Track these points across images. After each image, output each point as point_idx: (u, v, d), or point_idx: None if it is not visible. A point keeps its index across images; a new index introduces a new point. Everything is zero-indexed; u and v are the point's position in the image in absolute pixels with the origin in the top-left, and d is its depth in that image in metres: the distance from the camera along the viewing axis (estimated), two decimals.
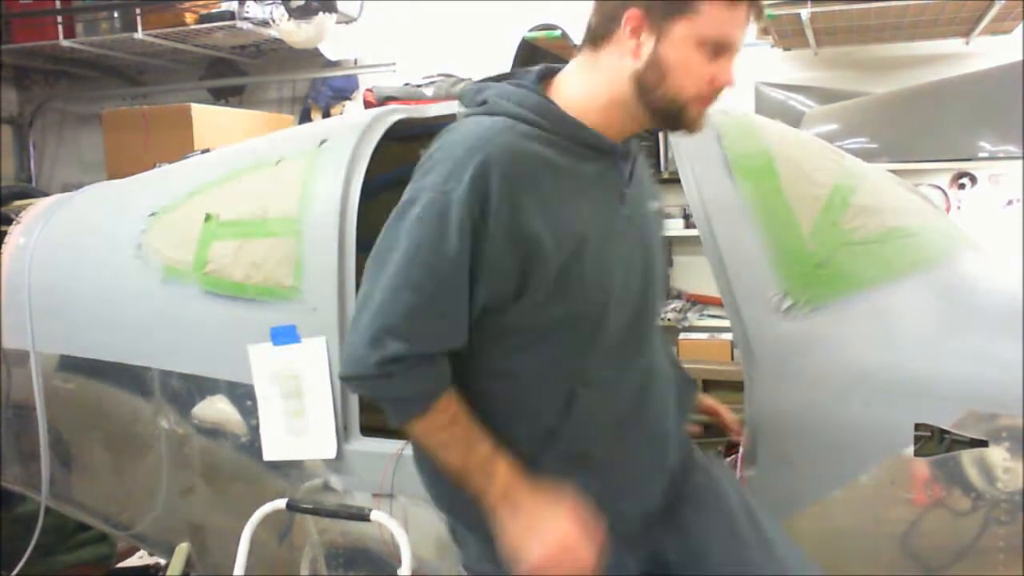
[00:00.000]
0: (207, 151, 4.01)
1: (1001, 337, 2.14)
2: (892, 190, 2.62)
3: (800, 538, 2.07)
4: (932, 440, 2.00)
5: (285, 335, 2.44)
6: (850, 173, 2.45)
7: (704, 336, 5.58)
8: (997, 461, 1.95)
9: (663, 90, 1.53)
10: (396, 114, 2.69)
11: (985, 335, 2.16)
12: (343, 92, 6.70)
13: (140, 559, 4.06)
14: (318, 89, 6.75)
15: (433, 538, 2.40)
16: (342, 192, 2.46)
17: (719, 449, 3.18)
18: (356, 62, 6.63)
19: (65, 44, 6.26)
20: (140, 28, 6.06)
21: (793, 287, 2.12)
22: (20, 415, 3.06)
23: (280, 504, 2.42)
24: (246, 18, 5.86)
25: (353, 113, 6.22)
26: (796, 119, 5.23)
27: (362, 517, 2.35)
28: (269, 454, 2.51)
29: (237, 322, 2.53)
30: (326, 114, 6.63)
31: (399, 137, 2.79)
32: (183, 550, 2.76)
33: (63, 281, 2.94)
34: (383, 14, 6.39)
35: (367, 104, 5.93)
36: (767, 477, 2.09)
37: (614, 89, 1.57)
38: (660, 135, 5.08)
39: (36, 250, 3.04)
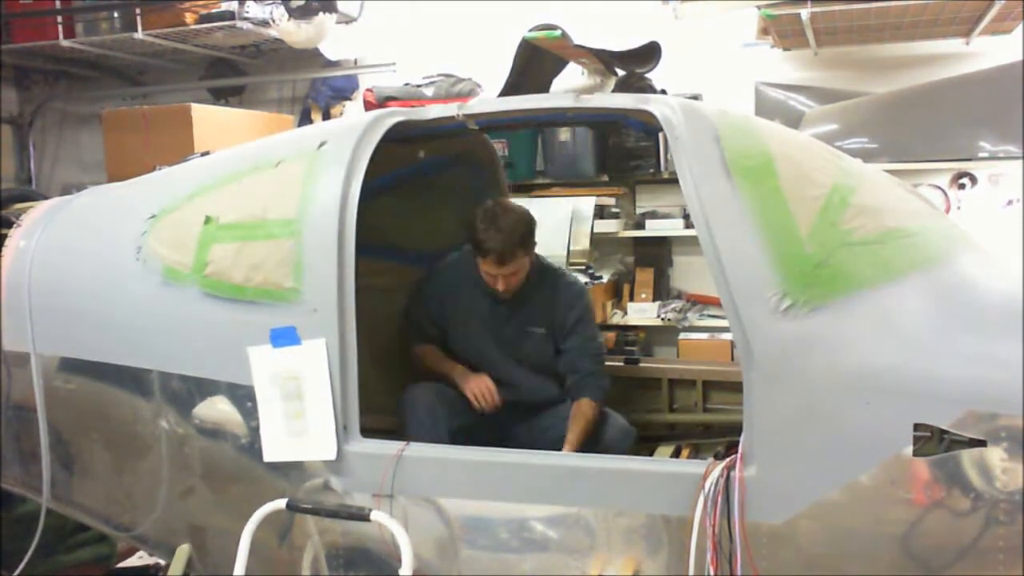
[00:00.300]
0: (207, 153, 4.02)
1: (1001, 337, 2.14)
2: (891, 190, 2.62)
3: (800, 538, 2.09)
4: (932, 440, 2.00)
5: (285, 337, 2.44)
6: (849, 173, 2.45)
7: (704, 336, 5.56)
8: (995, 461, 1.95)
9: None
10: (395, 116, 2.69)
11: (985, 335, 2.16)
12: (343, 92, 6.70)
13: (140, 559, 4.07)
14: (318, 89, 6.75)
15: (433, 538, 2.41)
16: (341, 194, 2.46)
17: (719, 449, 3.19)
18: (356, 62, 6.63)
19: (65, 44, 6.26)
20: (140, 28, 6.06)
21: (792, 287, 2.12)
22: (21, 417, 3.07)
23: (280, 504, 2.42)
24: (246, 18, 5.86)
25: (352, 115, 6.23)
26: (796, 119, 5.24)
27: (362, 517, 2.35)
28: (269, 455, 2.51)
29: (237, 324, 2.54)
30: (326, 114, 6.63)
31: (398, 139, 2.80)
32: (184, 551, 2.77)
33: (63, 283, 2.95)
34: (383, 14, 6.39)
35: (367, 104, 5.94)
36: (767, 477, 2.09)
37: None
38: (660, 136, 5.09)
39: (36, 253, 3.05)
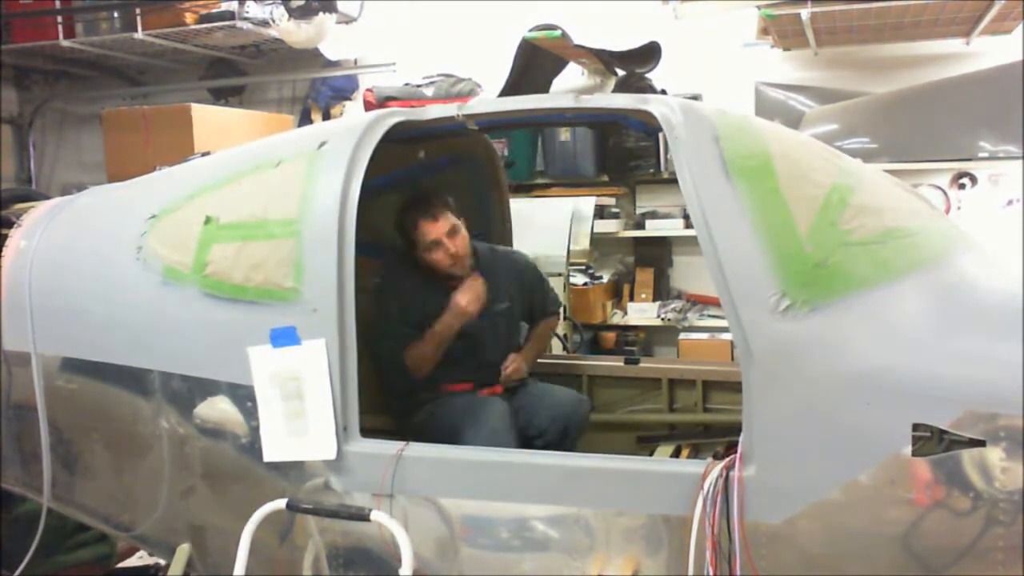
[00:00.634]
0: (207, 153, 4.02)
1: (1001, 337, 2.14)
2: (890, 190, 2.62)
3: (799, 538, 2.09)
4: (931, 440, 2.00)
5: (285, 337, 2.44)
6: (848, 173, 2.45)
7: (704, 336, 5.56)
8: (994, 461, 1.95)
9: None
10: (395, 116, 2.69)
11: (985, 335, 2.16)
12: (343, 92, 6.70)
13: (140, 559, 4.07)
14: (318, 89, 6.75)
15: (433, 538, 2.41)
16: (341, 194, 2.46)
17: (718, 449, 3.19)
18: (356, 62, 6.63)
19: (65, 44, 6.27)
20: (140, 28, 6.07)
21: (791, 287, 2.12)
22: (21, 417, 3.07)
23: (280, 504, 2.42)
24: (246, 18, 5.86)
25: (352, 115, 6.23)
26: (796, 119, 5.24)
27: (362, 517, 2.35)
28: (269, 455, 2.51)
29: (237, 324, 2.54)
30: (326, 114, 6.63)
31: (398, 139, 2.80)
32: (184, 551, 2.77)
33: (64, 283, 2.95)
34: (383, 14, 6.39)
35: (367, 104, 5.93)
36: (767, 477, 2.09)
37: None
38: (659, 136, 5.09)
39: (37, 253, 3.05)
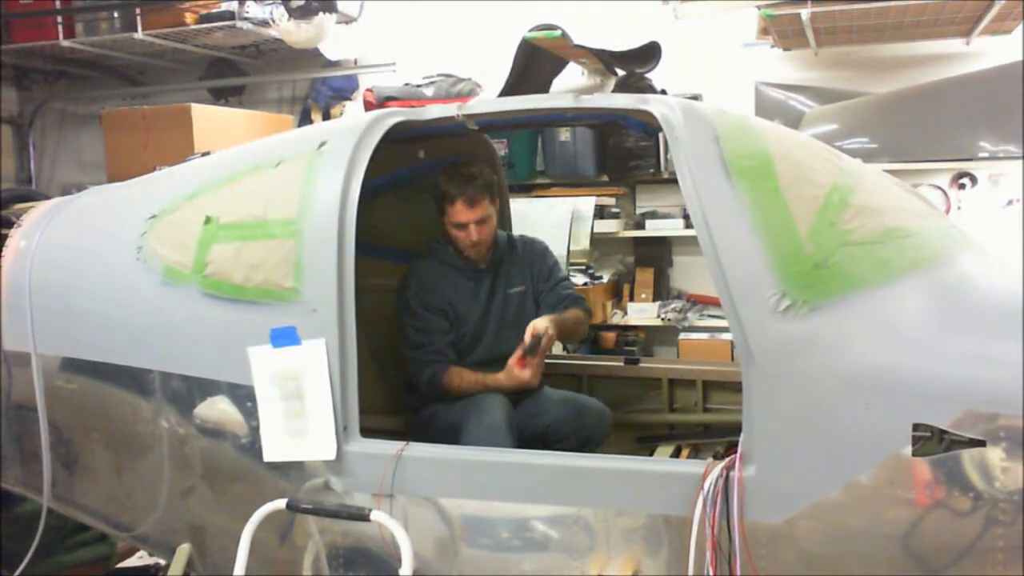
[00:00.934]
0: (207, 153, 4.02)
1: (1001, 337, 2.14)
2: (890, 190, 2.62)
3: (799, 538, 2.09)
4: (931, 440, 2.00)
5: (285, 337, 2.44)
6: (848, 173, 2.45)
7: (704, 336, 5.54)
8: (994, 461, 1.95)
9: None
10: (395, 116, 2.69)
11: (985, 335, 2.16)
12: (343, 92, 6.69)
13: (140, 559, 4.07)
14: (318, 89, 6.74)
15: (433, 538, 2.41)
16: (341, 194, 2.46)
17: (718, 449, 3.19)
18: (356, 62, 6.63)
19: (65, 44, 6.26)
20: (140, 28, 6.05)
21: (791, 287, 2.12)
22: (21, 417, 3.07)
23: (280, 504, 2.43)
24: (246, 18, 5.85)
25: (352, 115, 6.23)
26: (796, 119, 5.23)
27: (362, 517, 2.36)
28: (269, 455, 2.52)
29: (237, 324, 2.54)
30: (326, 114, 6.63)
31: (398, 139, 2.80)
32: (184, 551, 2.77)
33: (64, 283, 2.95)
34: (383, 14, 6.39)
35: (367, 104, 5.93)
36: (767, 477, 2.09)
37: None
38: (660, 136, 5.09)
39: (37, 253, 3.05)
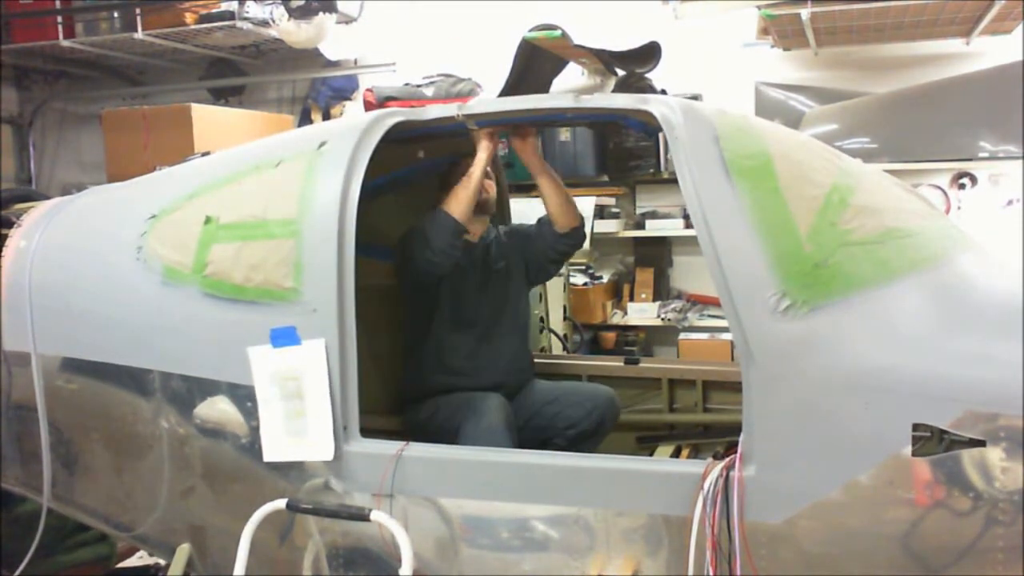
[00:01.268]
0: (207, 153, 4.02)
1: (1001, 337, 2.14)
2: (890, 190, 2.62)
3: (799, 538, 2.09)
4: (931, 440, 2.00)
5: (285, 337, 2.44)
6: (848, 173, 2.45)
7: (704, 336, 5.55)
8: (994, 461, 1.95)
9: None
10: (395, 116, 2.69)
11: (985, 335, 2.16)
12: (343, 92, 6.70)
13: (140, 559, 4.07)
14: (318, 89, 6.74)
15: (433, 538, 2.41)
16: (341, 194, 2.46)
17: (718, 449, 3.19)
18: (356, 62, 6.63)
19: (65, 44, 6.26)
20: (140, 28, 6.06)
21: (791, 287, 2.12)
22: (21, 417, 3.07)
23: (280, 504, 2.42)
24: (246, 18, 5.86)
25: (352, 115, 6.23)
26: (796, 119, 5.23)
27: (362, 517, 2.35)
28: (269, 455, 2.52)
29: (237, 324, 2.54)
30: (326, 114, 6.63)
31: (398, 139, 2.80)
32: (184, 551, 2.77)
33: (64, 283, 2.95)
34: (383, 14, 6.39)
35: (367, 104, 5.93)
36: (767, 477, 2.09)
37: None
38: (660, 136, 5.08)
39: (37, 253, 3.05)
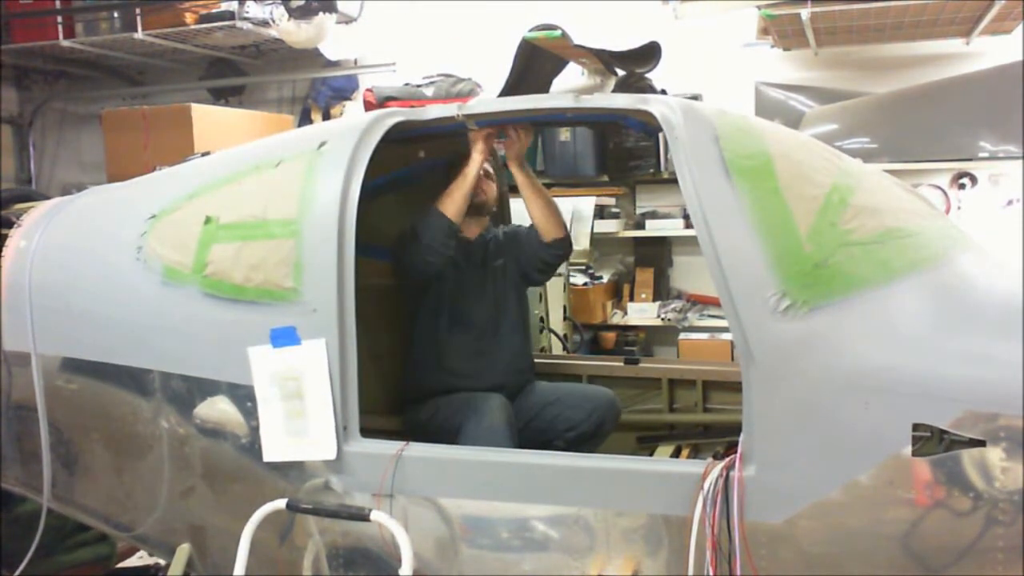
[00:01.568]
0: (207, 153, 4.02)
1: (1001, 337, 2.14)
2: (890, 190, 2.62)
3: (799, 538, 2.09)
4: (931, 440, 2.00)
5: (285, 337, 2.44)
6: (848, 173, 2.45)
7: (704, 336, 5.55)
8: (994, 461, 1.95)
9: None
10: (395, 116, 2.69)
11: (984, 335, 2.16)
12: (343, 92, 6.70)
13: (140, 559, 4.07)
14: (318, 89, 6.75)
15: (433, 538, 2.41)
16: (341, 194, 2.46)
17: (718, 449, 3.19)
18: (356, 62, 6.63)
19: (65, 44, 6.27)
20: (140, 28, 6.07)
21: (791, 287, 2.12)
22: (21, 417, 3.07)
23: (280, 504, 2.42)
24: (246, 18, 5.86)
25: (352, 115, 6.23)
26: (796, 119, 5.23)
27: (362, 517, 2.35)
28: (269, 455, 2.52)
29: (237, 324, 2.54)
30: (326, 114, 6.63)
31: (398, 139, 2.80)
32: (184, 551, 2.77)
33: (64, 283, 2.95)
34: (383, 14, 6.39)
35: (367, 104, 5.93)
36: (767, 477, 2.09)
37: None
38: (660, 136, 5.09)
39: (37, 253, 3.05)
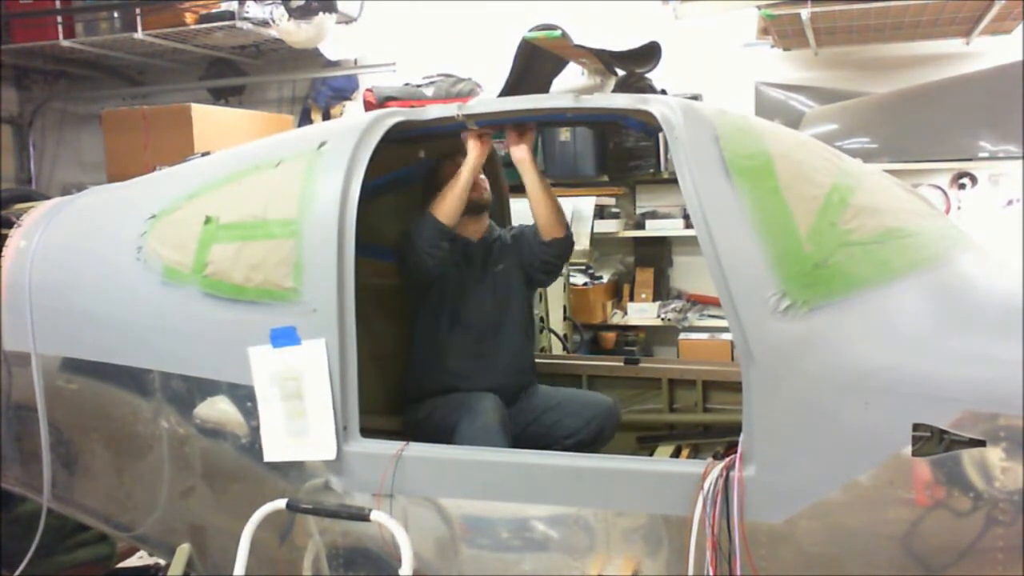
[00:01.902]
0: (207, 153, 4.02)
1: (1001, 337, 2.14)
2: (890, 190, 2.62)
3: (799, 538, 2.09)
4: (931, 440, 2.00)
5: (285, 337, 2.44)
6: (848, 173, 2.45)
7: (704, 336, 5.56)
8: (994, 461, 1.95)
9: None
10: (395, 116, 2.69)
11: (984, 335, 2.16)
12: (343, 92, 6.70)
13: (140, 559, 4.08)
14: (318, 89, 6.75)
15: (433, 538, 2.41)
16: (341, 194, 2.46)
17: (718, 449, 3.19)
18: (356, 62, 6.63)
19: (65, 44, 6.27)
20: (140, 28, 6.07)
21: (791, 287, 2.12)
22: (21, 417, 3.07)
23: (280, 504, 2.43)
24: (246, 18, 5.86)
25: (352, 115, 6.23)
26: (796, 119, 5.23)
27: (362, 517, 2.36)
28: (269, 455, 2.52)
29: (237, 324, 2.54)
30: (326, 114, 6.63)
31: (398, 139, 2.80)
32: (184, 551, 2.77)
33: (64, 283, 2.95)
34: (383, 14, 6.39)
35: (367, 104, 5.93)
36: (767, 477, 2.09)
37: None
38: (660, 136, 5.09)
39: (37, 253, 3.05)
